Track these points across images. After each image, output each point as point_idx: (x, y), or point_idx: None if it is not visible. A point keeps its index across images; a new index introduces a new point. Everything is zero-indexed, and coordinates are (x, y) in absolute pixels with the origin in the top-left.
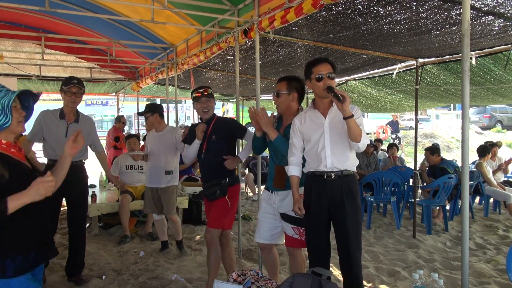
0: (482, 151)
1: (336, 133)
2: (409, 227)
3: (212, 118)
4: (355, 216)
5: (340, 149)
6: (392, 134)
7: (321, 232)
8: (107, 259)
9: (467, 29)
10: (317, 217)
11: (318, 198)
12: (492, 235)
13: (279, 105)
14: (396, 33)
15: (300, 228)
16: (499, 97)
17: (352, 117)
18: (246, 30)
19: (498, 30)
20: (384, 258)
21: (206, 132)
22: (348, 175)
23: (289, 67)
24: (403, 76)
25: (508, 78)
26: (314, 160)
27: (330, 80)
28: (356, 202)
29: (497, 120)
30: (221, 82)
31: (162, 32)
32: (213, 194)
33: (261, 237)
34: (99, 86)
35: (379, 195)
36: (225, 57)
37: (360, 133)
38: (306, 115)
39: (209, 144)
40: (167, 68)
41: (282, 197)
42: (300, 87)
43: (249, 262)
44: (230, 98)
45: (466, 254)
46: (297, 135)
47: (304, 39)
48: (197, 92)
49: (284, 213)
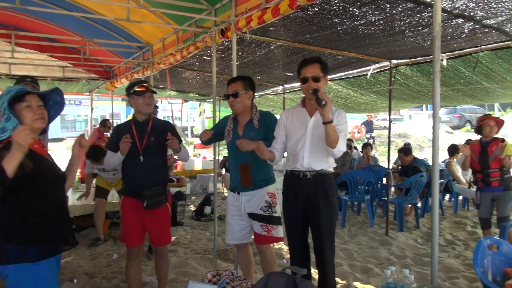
0: (451, 150)
1: (318, 135)
2: (382, 224)
3: (149, 118)
4: (329, 216)
5: (319, 151)
6: (366, 133)
7: (298, 231)
8: (79, 262)
9: (438, 32)
10: (294, 215)
11: (295, 196)
12: (461, 231)
13: (236, 105)
14: (370, 34)
15: (268, 225)
16: (468, 98)
17: (331, 123)
18: (223, 30)
19: (467, 32)
20: (358, 255)
21: (143, 132)
22: (324, 175)
23: (266, 68)
24: (377, 77)
25: (477, 80)
26: (292, 157)
27: (314, 83)
28: (331, 202)
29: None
30: (197, 82)
31: (138, 31)
32: (160, 202)
33: (233, 238)
34: (72, 86)
35: (353, 193)
36: (202, 57)
37: (336, 140)
38: (294, 111)
39: (148, 146)
40: (143, 67)
41: (250, 197)
42: (253, 84)
43: (224, 263)
44: (207, 98)
45: (435, 250)
46: (281, 129)
47: (281, 40)
48: (141, 86)
49: (252, 212)
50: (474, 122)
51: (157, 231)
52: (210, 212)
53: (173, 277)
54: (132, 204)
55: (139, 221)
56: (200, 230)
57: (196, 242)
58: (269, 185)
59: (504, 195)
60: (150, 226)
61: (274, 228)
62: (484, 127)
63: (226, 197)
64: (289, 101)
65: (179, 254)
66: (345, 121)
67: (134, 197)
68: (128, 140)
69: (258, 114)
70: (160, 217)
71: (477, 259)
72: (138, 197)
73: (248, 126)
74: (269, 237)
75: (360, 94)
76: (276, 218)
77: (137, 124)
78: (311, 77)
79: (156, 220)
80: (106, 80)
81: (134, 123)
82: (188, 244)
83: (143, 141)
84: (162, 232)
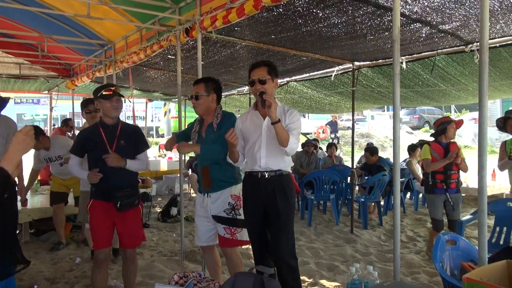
0: (411, 149)
1: (273, 135)
2: (347, 223)
3: (118, 121)
4: (287, 213)
5: (275, 151)
6: (331, 134)
7: (259, 230)
8: (39, 267)
9: (397, 35)
10: (254, 215)
11: (254, 196)
12: (422, 228)
13: (198, 107)
14: (334, 36)
15: (231, 228)
16: (427, 100)
17: (279, 123)
18: (187, 29)
19: (425, 37)
20: (324, 253)
21: (113, 136)
22: (281, 175)
23: (231, 68)
24: (340, 79)
25: (434, 82)
26: (250, 160)
27: (261, 85)
28: (288, 202)
29: (426, 120)
30: (162, 81)
31: (99, 28)
32: (132, 203)
33: (199, 240)
34: (30, 84)
35: (319, 192)
36: (167, 56)
37: (287, 138)
38: (248, 115)
39: (118, 149)
40: (105, 65)
41: (214, 199)
42: (217, 87)
43: (192, 264)
44: (172, 98)
45: (397, 246)
46: (238, 134)
47: (246, 40)
48: (108, 90)
49: (216, 214)
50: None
51: (129, 233)
52: (176, 213)
53: (139, 280)
54: (102, 206)
55: (108, 224)
56: (166, 232)
57: (163, 244)
58: (232, 186)
59: (458, 197)
60: (122, 229)
61: (239, 231)
62: (449, 130)
63: (193, 198)
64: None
65: (145, 257)
66: (297, 119)
67: (105, 200)
68: (99, 176)
69: (220, 116)
70: (132, 219)
71: (436, 254)
72: (110, 199)
73: (209, 129)
74: (233, 240)
75: (324, 95)
76: (240, 221)
77: (106, 128)
78: (257, 80)
79: (127, 222)
80: (66, 78)
81: (102, 127)
82: (154, 246)
83: (113, 145)
84: (133, 234)
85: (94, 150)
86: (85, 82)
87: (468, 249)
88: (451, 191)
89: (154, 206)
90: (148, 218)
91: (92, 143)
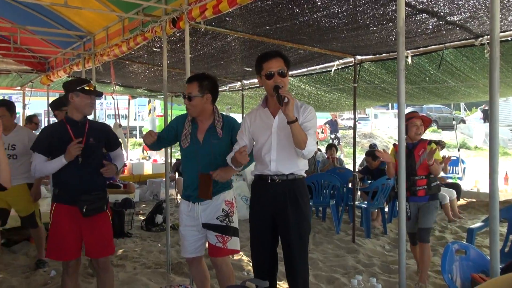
0: None
1: (285, 136)
2: (348, 231)
3: (86, 118)
4: (300, 225)
5: (287, 154)
6: (331, 134)
7: (265, 242)
8: (11, 281)
9: (402, 27)
10: (261, 224)
11: (261, 203)
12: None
13: (190, 109)
14: (334, 27)
15: (224, 235)
16: (434, 97)
17: (296, 122)
18: (174, 19)
19: (432, 29)
20: (324, 265)
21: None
22: (293, 180)
23: (222, 62)
24: (341, 74)
25: (442, 78)
26: (259, 163)
27: (281, 78)
28: (301, 210)
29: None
30: (146, 76)
31: (78, 18)
32: (101, 208)
33: (186, 251)
34: (1, 79)
35: (318, 198)
36: (151, 49)
37: (305, 140)
38: (257, 113)
39: (87, 147)
40: (84, 59)
41: (206, 206)
42: (213, 85)
43: (179, 277)
44: (157, 94)
45: (403, 257)
46: (245, 134)
47: (238, 31)
48: (90, 85)
49: (207, 222)
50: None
51: (97, 241)
52: (162, 221)
53: None
54: (66, 211)
55: (75, 231)
56: (150, 242)
57: (147, 255)
58: (225, 191)
59: (429, 204)
60: (89, 236)
61: (230, 240)
62: (410, 127)
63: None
64: (248, 99)
65: (127, 269)
66: (312, 116)
67: (69, 204)
68: (81, 146)
69: (221, 120)
70: (100, 225)
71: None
72: (75, 203)
73: (209, 133)
74: (225, 249)
75: (324, 92)
76: (232, 228)
77: (74, 124)
78: (277, 72)
79: (96, 229)
80: (41, 73)
81: (69, 123)
82: (137, 257)
83: (81, 143)
84: (103, 242)
85: (60, 148)
86: (62, 77)
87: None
88: (419, 199)
89: (137, 214)
90: (131, 226)
91: (58, 140)
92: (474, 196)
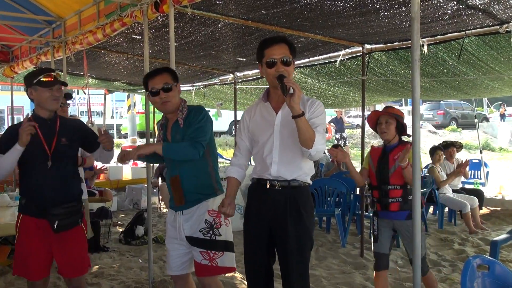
0: (432, 152)
1: (288, 134)
2: (356, 244)
3: (56, 114)
4: (300, 240)
5: (290, 156)
6: (336, 133)
7: (260, 256)
8: None
9: (417, 12)
10: (256, 236)
11: (258, 211)
12: (448, 250)
13: (171, 101)
14: (339, 11)
15: (210, 251)
16: (453, 91)
17: (302, 116)
18: (157, 2)
19: (450, 14)
20: (328, 282)
21: (52, 132)
22: (296, 187)
23: (212, 51)
24: (347, 65)
25: (462, 70)
26: (259, 165)
27: (284, 66)
28: (303, 222)
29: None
30: (125, 68)
31: (46, 1)
32: (75, 222)
33: (170, 268)
34: None
35: (321, 207)
36: (131, 36)
37: (312, 137)
38: (257, 108)
39: (58, 148)
40: (53, 48)
41: (188, 216)
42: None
43: None
44: (137, 88)
45: (418, 273)
46: (244, 133)
47: (230, 16)
48: (48, 75)
49: (190, 235)
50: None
51: (71, 259)
52: (143, 233)
53: None
54: (34, 226)
55: (44, 248)
56: (130, 257)
57: (126, 272)
58: (209, 199)
59: (408, 225)
60: (61, 254)
61: (219, 256)
62: (377, 126)
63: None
64: (242, 93)
65: None
66: (321, 112)
67: (38, 217)
68: (33, 124)
69: (185, 110)
70: (73, 241)
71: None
72: (45, 216)
73: (174, 129)
74: (212, 267)
75: (328, 85)
76: (220, 242)
77: (42, 123)
78: (280, 60)
79: (68, 246)
80: (4, 63)
81: (37, 122)
82: (115, 274)
83: (52, 143)
84: (76, 260)
85: (28, 150)
86: (28, 69)
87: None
88: (393, 215)
89: (114, 225)
90: (107, 239)
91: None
92: (498, 204)
